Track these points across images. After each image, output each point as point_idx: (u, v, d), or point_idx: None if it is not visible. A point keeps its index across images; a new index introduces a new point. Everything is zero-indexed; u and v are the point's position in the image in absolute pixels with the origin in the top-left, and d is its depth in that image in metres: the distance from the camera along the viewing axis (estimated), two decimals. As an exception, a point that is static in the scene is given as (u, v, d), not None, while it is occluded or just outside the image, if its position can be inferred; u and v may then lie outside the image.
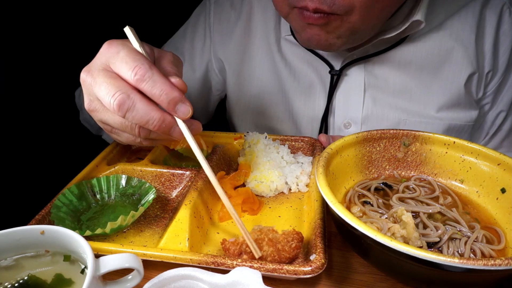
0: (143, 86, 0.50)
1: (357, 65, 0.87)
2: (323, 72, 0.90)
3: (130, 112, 0.50)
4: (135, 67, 0.49)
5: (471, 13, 0.84)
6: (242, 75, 1.00)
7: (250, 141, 0.72)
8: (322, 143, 0.76)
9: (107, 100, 0.50)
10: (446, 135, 0.64)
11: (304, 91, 0.93)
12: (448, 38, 0.84)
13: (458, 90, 0.85)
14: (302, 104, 0.94)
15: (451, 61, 0.85)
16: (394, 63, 0.86)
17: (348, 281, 0.53)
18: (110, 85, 0.50)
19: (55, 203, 0.61)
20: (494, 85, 0.88)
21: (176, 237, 0.54)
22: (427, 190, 0.63)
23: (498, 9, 0.84)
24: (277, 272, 0.48)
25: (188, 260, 0.50)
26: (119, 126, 0.54)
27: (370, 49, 0.85)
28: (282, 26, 0.94)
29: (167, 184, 0.69)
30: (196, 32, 1.04)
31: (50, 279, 0.44)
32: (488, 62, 0.86)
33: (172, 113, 0.52)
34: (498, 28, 0.85)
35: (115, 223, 0.56)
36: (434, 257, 0.40)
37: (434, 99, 0.86)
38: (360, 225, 0.44)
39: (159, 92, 0.50)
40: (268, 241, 0.51)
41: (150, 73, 0.50)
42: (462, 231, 0.54)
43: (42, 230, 0.45)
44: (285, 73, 0.94)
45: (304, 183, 0.69)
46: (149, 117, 0.51)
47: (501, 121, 0.93)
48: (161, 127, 0.52)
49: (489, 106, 0.92)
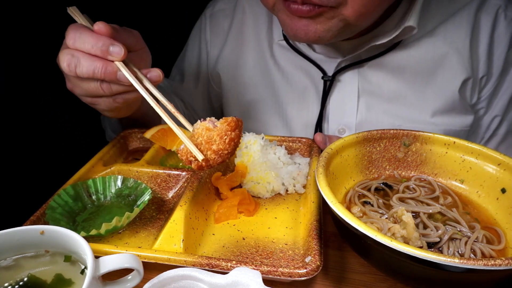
0: (77, 46, 0.58)
1: (351, 70, 0.86)
2: (316, 78, 0.89)
3: (78, 67, 0.58)
4: (71, 34, 0.59)
5: (465, 17, 0.83)
6: (237, 83, 0.99)
7: (247, 142, 0.72)
8: (317, 142, 0.74)
9: (63, 69, 0.60)
10: (446, 135, 0.63)
11: (298, 97, 0.92)
12: (442, 43, 0.83)
13: (453, 95, 0.84)
14: (296, 110, 0.93)
15: (445, 67, 0.83)
16: (388, 69, 0.85)
17: (348, 281, 0.53)
18: (61, 55, 0.60)
19: (50, 204, 0.60)
20: (489, 89, 0.87)
21: (171, 238, 0.53)
22: (427, 190, 0.62)
23: (493, 13, 0.83)
24: (272, 274, 0.47)
25: (182, 261, 0.50)
26: (89, 91, 0.63)
27: (363, 55, 0.84)
28: (274, 31, 0.93)
29: (163, 185, 0.69)
30: (194, 50, 1.05)
31: (50, 279, 0.44)
32: (482, 66, 0.84)
33: (108, 58, 0.58)
34: (493, 31, 0.83)
35: (110, 224, 0.55)
36: (434, 257, 0.39)
37: (429, 105, 0.85)
38: (360, 225, 0.44)
39: (89, 46, 0.58)
40: (205, 144, 0.52)
41: (78, 34, 0.58)
42: (462, 231, 0.54)
43: (42, 230, 0.45)
44: (278, 79, 0.93)
45: (301, 184, 0.68)
46: (94, 66, 0.58)
47: (496, 125, 0.91)
48: (106, 74, 0.59)
49: (484, 111, 0.90)
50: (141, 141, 0.84)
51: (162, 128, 0.78)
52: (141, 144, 0.84)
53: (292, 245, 0.56)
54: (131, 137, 0.84)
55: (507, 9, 0.83)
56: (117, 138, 0.81)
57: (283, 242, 0.57)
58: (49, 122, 1.24)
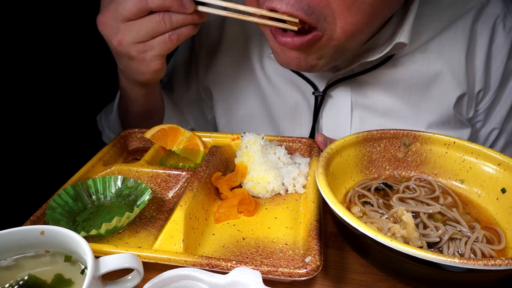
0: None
1: (343, 85, 0.84)
2: (307, 93, 0.87)
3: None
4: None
5: (461, 29, 0.79)
6: (228, 98, 0.97)
7: (247, 142, 0.72)
8: (318, 143, 0.74)
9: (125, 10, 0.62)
10: (446, 135, 0.63)
11: (290, 112, 0.90)
12: (436, 59, 0.79)
13: (448, 111, 0.81)
14: (289, 125, 0.91)
15: (439, 83, 0.80)
16: (381, 83, 0.82)
17: (348, 281, 0.53)
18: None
19: (50, 204, 0.60)
20: (486, 103, 0.84)
21: (171, 238, 0.53)
22: (427, 190, 0.62)
23: (491, 23, 0.79)
24: (272, 274, 0.47)
25: (182, 261, 0.50)
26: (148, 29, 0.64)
27: (355, 69, 0.81)
28: (265, 44, 0.89)
29: (163, 185, 0.69)
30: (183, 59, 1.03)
31: (50, 279, 0.44)
32: (479, 80, 0.81)
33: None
34: (490, 43, 0.79)
35: (110, 224, 0.55)
36: (434, 257, 0.39)
37: (424, 118, 0.83)
38: (361, 225, 0.44)
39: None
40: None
41: None
42: (463, 231, 0.54)
43: (42, 230, 0.45)
44: (269, 93, 0.91)
45: (301, 184, 0.68)
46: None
47: (495, 138, 0.89)
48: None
49: (481, 124, 0.88)
50: (141, 141, 0.84)
51: (162, 128, 0.78)
52: (141, 144, 0.84)
53: (292, 245, 0.56)
54: (131, 137, 0.84)
55: (505, 18, 0.79)
56: (117, 138, 0.81)
57: (283, 242, 0.57)
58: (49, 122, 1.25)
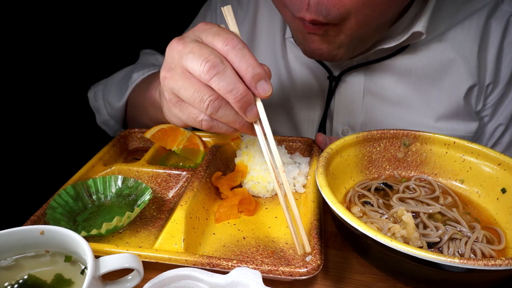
0: (232, 56, 0.51)
1: (357, 71, 0.86)
2: (322, 77, 0.89)
3: (218, 76, 0.50)
4: (227, 39, 0.51)
5: (475, 24, 0.81)
6: None
7: (247, 142, 0.72)
8: (318, 143, 0.74)
9: (197, 63, 0.51)
10: (446, 135, 0.63)
11: (303, 94, 0.92)
12: (450, 49, 0.82)
13: (457, 101, 0.83)
14: (301, 107, 0.93)
15: (451, 72, 0.82)
16: (394, 72, 0.84)
17: (348, 281, 0.53)
18: (204, 50, 0.51)
19: (51, 204, 0.60)
20: (494, 98, 0.86)
21: (172, 238, 0.53)
22: (427, 190, 0.62)
23: (505, 20, 0.82)
24: (273, 273, 0.47)
25: (183, 261, 0.50)
26: (189, 96, 0.53)
27: (370, 57, 0.83)
28: (287, 28, 0.91)
29: (163, 184, 0.69)
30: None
31: (50, 279, 0.44)
32: (489, 74, 0.83)
33: (253, 89, 0.53)
34: (503, 38, 0.82)
35: (111, 224, 0.55)
36: (434, 257, 0.39)
37: (433, 109, 0.84)
38: (361, 225, 0.44)
39: (246, 65, 0.51)
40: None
41: (241, 46, 0.51)
42: (463, 231, 0.54)
43: (42, 230, 0.45)
44: (285, 75, 0.93)
45: (301, 184, 0.68)
46: (234, 86, 0.51)
47: (500, 134, 0.90)
48: (241, 101, 0.52)
49: (488, 118, 0.89)
50: (141, 141, 0.84)
51: (162, 128, 0.79)
52: (141, 144, 0.84)
53: (292, 245, 0.56)
54: (131, 137, 0.84)
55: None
56: (117, 138, 0.81)
57: (283, 241, 0.57)
58: (50, 122, 1.25)
